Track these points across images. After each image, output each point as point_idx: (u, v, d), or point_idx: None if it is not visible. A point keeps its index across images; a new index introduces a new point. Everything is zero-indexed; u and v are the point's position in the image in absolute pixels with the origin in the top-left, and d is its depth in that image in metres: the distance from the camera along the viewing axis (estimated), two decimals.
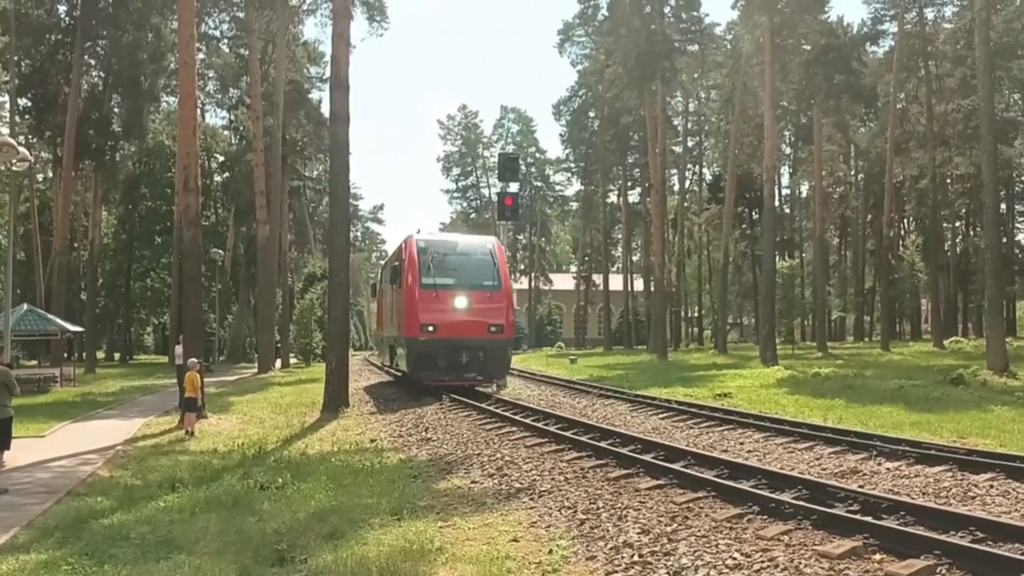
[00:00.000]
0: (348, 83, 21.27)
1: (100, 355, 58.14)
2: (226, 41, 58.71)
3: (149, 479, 11.41)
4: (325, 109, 51.82)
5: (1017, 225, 73.88)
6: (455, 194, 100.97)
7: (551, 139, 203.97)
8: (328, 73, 29.49)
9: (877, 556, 6.78)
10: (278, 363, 44.66)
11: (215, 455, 13.50)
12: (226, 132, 65.66)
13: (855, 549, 6.88)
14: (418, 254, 22.45)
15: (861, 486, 9.68)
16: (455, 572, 6.90)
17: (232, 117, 63.86)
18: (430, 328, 21.75)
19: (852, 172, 74.13)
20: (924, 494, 9.30)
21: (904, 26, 53.65)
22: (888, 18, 56.21)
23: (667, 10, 52.75)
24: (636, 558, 7.00)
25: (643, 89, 50.53)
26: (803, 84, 49.85)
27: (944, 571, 6.34)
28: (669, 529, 7.73)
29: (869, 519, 7.51)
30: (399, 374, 28.75)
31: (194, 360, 17.49)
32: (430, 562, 7.15)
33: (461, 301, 22.14)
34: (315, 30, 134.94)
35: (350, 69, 21.41)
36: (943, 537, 6.92)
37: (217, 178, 63.82)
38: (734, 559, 6.71)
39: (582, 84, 75.23)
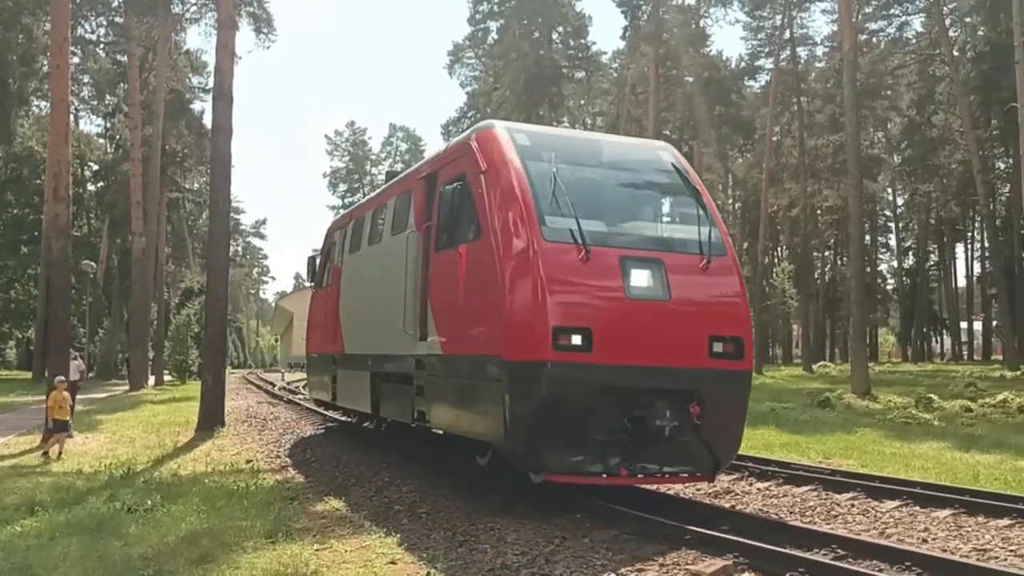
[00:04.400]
0: (232, 95, 20.77)
1: None
2: (103, 46, 56.58)
3: (5, 502, 10.78)
4: (207, 120, 50.36)
5: (880, 255, 77.96)
6: (341, 210, 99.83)
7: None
8: (211, 83, 28.70)
9: (746, 574, 6.99)
10: (151, 380, 43.03)
11: (80, 476, 12.87)
12: (101, 140, 63.09)
13: (726, 568, 7.08)
14: (524, 163, 9.40)
15: (732, 506, 10.01)
16: None
17: (108, 125, 61.38)
18: (576, 339, 8.49)
19: (730, 200, 76.87)
20: (791, 513, 9.67)
21: (779, 63, 56.11)
22: (764, 54, 58.82)
23: (556, 36, 53.93)
24: None
25: (531, 113, 51.31)
26: (686, 114, 51.49)
27: None
28: (547, 550, 7.79)
29: (740, 538, 7.74)
30: (344, 418, 18.43)
31: (61, 377, 16.67)
32: None
33: (644, 277, 8.90)
34: (199, 39, 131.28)
35: (235, 81, 20.94)
36: (807, 555, 7.20)
37: (91, 187, 61.34)
38: None
39: (471, 106, 75.67)
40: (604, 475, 8.59)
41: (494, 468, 10.17)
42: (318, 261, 18.78)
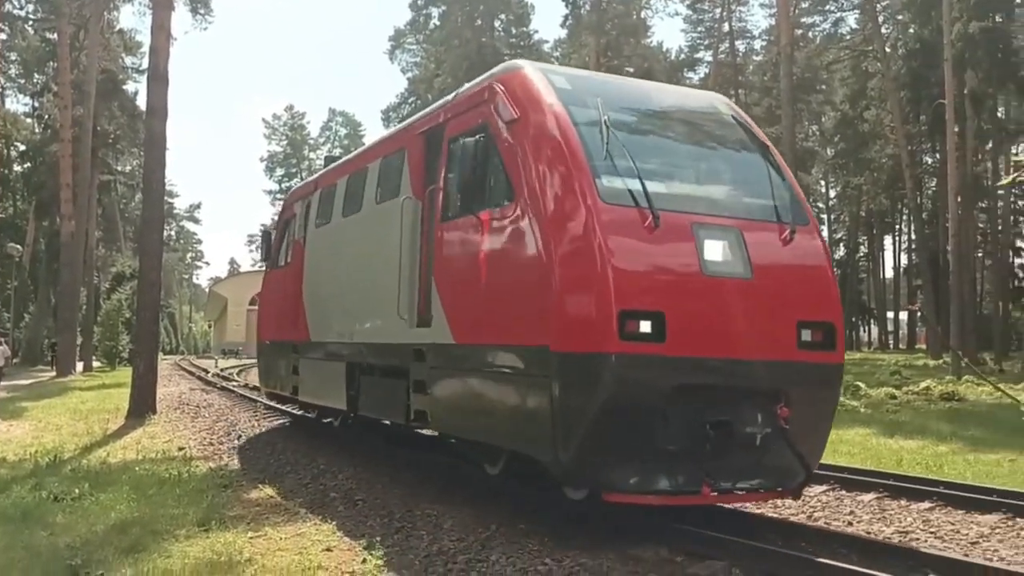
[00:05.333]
0: (168, 76, 20.31)
1: None
2: (32, 23, 54.83)
3: None
4: (141, 101, 49.36)
5: None
6: (278, 195, 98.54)
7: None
8: (146, 64, 28.06)
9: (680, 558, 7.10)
10: (79, 366, 41.99)
11: (3, 464, 12.54)
12: (29, 120, 61.25)
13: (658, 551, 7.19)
14: (568, 108, 7.73)
15: None
16: None
17: (37, 104, 59.64)
18: (645, 326, 6.78)
19: None
20: None
21: (718, 56, 56.88)
22: (704, 47, 59.55)
23: (498, 24, 53.78)
24: (451, 565, 7.06)
25: None
26: None
27: None
28: (484, 536, 7.82)
29: (676, 524, 7.83)
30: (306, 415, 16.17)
31: None
32: (238, 574, 6.93)
33: (722, 249, 7.26)
34: (133, 19, 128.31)
35: (171, 62, 20.48)
36: (743, 540, 7.35)
37: (17, 168, 59.43)
38: (545, 564, 6.88)
39: (412, 92, 75.14)
40: (679, 493, 7.07)
41: (507, 480, 8.82)
42: (273, 237, 16.85)
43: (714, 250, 7.16)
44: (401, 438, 12.58)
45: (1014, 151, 48.25)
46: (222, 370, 41.79)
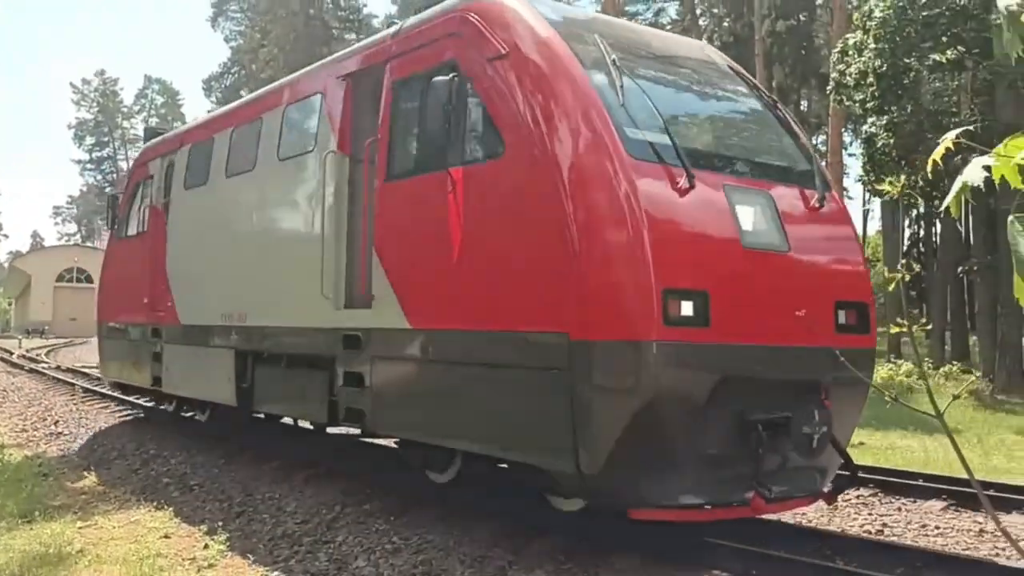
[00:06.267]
0: None
1: None
2: None
3: None
4: None
5: None
6: (88, 165, 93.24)
7: (200, 114, 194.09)
8: None
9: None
10: None
11: None
12: None
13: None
14: (571, 45, 6.34)
15: None
16: (101, 575, 6.50)
17: None
18: (687, 308, 5.54)
19: None
20: None
21: None
22: None
23: None
24: (296, 548, 7.06)
25: None
26: None
27: None
28: (328, 517, 7.84)
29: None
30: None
31: None
32: (71, 566, 6.68)
33: (757, 217, 6.12)
34: None
35: None
36: None
37: None
38: (392, 543, 6.98)
39: (235, 61, 72.60)
40: (725, 506, 5.88)
41: (455, 488, 7.52)
42: (120, 202, 14.58)
43: (749, 217, 6.01)
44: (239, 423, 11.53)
45: (815, 142, 51.83)
46: (28, 351, 39.15)
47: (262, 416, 10.98)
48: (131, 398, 15.32)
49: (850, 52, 22.27)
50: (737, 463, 5.78)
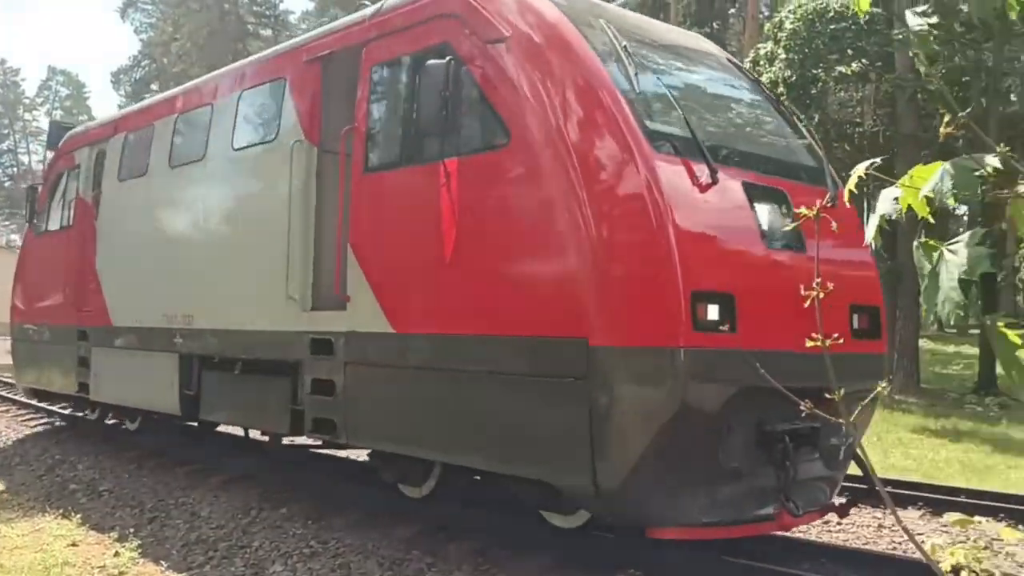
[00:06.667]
0: None
1: None
2: None
3: None
4: None
5: None
6: None
7: (108, 108, 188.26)
8: None
9: None
10: None
11: None
12: None
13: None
14: (581, 30, 5.94)
15: None
16: None
17: None
18: (713, 312, 5.19)
19: None
20: None
21: None
22: None
23: None
24: (211, 553, 6.97)
25: (214, 68, 49.04)
26: None
27: None
28: (244, 522, 7.74)
29: None
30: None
31: None
32: None
33: (776, 216, 5.73)
34: None
35: None
36: None
37: None
38: (310, 547, 6.94)
39: (146, 54, 70.61)
40: (750, 522, 5.64)
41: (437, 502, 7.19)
42: (40, 194, 13.48)
43: (767, 216, 5.69)
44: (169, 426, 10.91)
45: None
46: None
47: (195, 424, 10.29)
48: (44, 405, 14.19)
49: (761, 62, 22.86)
50: (761, 476, 5.50)
